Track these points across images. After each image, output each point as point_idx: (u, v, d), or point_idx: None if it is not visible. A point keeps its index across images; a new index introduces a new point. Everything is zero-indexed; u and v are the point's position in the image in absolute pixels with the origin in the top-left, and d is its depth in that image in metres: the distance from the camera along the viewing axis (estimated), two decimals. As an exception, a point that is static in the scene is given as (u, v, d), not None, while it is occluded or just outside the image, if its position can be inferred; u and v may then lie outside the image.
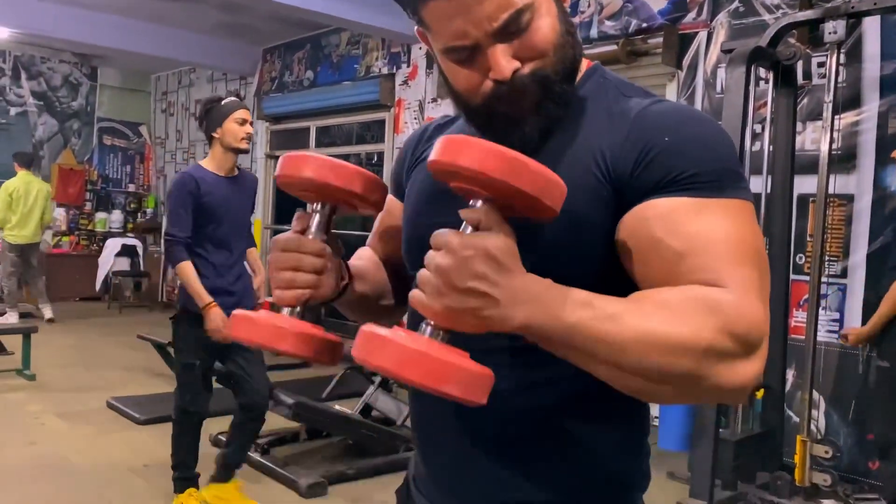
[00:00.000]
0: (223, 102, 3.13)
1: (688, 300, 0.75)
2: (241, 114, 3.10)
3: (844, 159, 4.13)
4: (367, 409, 4.49)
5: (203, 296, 2.98)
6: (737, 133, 3.68)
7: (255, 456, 3.74)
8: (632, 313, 0.74)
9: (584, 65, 0.97)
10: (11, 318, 7.44)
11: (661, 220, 0.80)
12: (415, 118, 6.82)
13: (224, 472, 3.22)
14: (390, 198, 1.12)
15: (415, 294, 0.76)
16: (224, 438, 3.97)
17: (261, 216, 8.76)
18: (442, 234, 0.75)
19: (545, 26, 0.87)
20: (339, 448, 4.06)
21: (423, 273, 0.75)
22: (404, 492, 1.11)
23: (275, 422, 4.35)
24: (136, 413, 4.52)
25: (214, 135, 3.12)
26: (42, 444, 4.02)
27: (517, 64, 0.86)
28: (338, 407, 4.26)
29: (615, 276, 0.85)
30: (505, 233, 0.75)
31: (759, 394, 3.82)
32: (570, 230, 0.85)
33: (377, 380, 4.55)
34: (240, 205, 3.25)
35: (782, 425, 3.92)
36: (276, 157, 8.68)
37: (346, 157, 7.85)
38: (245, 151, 3.20)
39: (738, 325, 0.74)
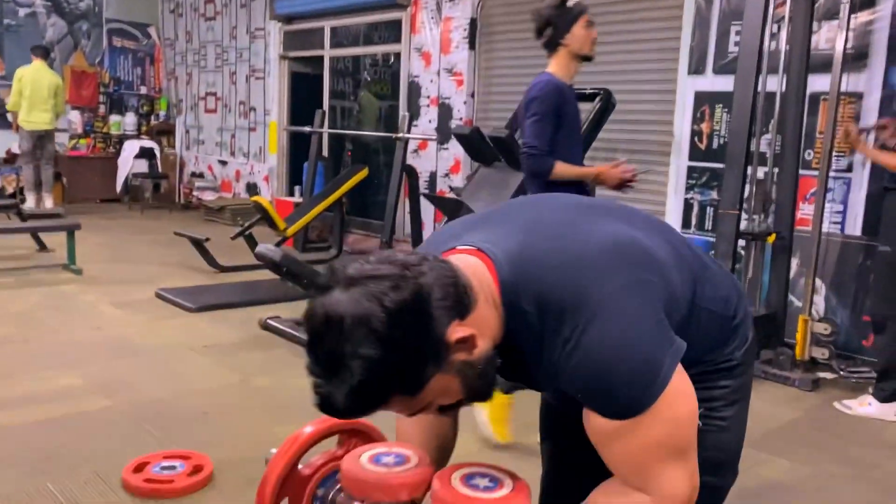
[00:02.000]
0: (570, 5, 2.98)
1: None
2: (588, 16, 2.98)
3: (856, 58, 4.31)
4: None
5: (589, 171, 3.09)
6: (756, 33, 3.86)
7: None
8: None
9: (497, 320, 1.06)
10: (30, 202, 8.40)
11: (595, 433, 1.06)
12: (432, 17, 6.89)
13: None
14: None
15: None
16: (274, 323, 4.33)
17: (276, 118, 8.91)
18: None
19: (449, 400, 1.06)
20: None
21: None
22: None
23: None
24: (187, 302, 4.87)
25: (562, 42, 3.01)
26: (107, 329, 4.38)
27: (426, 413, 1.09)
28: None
29: None
30: None
31: (771, 238, 4.16)
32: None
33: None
34: (578, 117, 3.18)
35: (785, 308, 4.28)
36: (290, 59, 8.75)
37: (360, 58, 7.95)
38: (591, 58, 3.10)
39: None
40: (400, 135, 6.10)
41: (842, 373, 4.04)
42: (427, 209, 6.77)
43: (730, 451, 1.25)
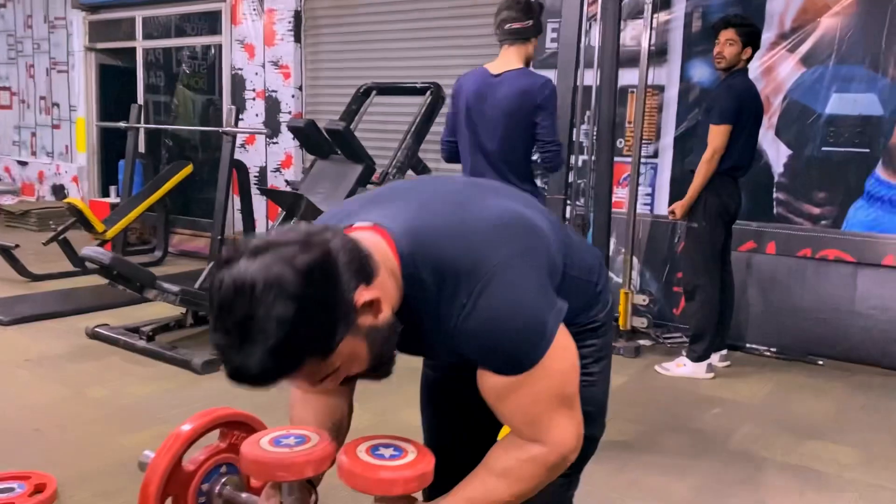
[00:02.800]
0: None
1: (520, 463, 1.16)
2: None
3: (657, 54, 4.77)
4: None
5: None
6: (574, 30, 4.15)
7: (142, 343, 3.89)
8: (495, 490, 1.17)
9: (396, 290, 1.12)
10: None
11: (490, 391, 1.15)
12: (254, 9, 6.72)
13: None
14: None
15: None
16: (103, 331, 4.07)
17: (83, 114, 8.29)
18: None
19: (355, 367, 1.10)
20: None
21: None
22: None
23: (157, 310, 4.48)
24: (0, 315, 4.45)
25: (534, 38, 3.31)
26: None
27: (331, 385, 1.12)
28: (213, 294, 4.45)
29: None
30: None
31: None
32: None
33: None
34: None
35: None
36: (97, 51, 8.17)
37: (178, 49, 7.58)
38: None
39: (553, 462, 1.16)
40: (228, 129, 5.90)
41: (658, 339, 4.47)
42: (259, 205, 6.62)
43: (598, 404, 1.38)
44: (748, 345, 4.39)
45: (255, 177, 6.83)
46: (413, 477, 1.10)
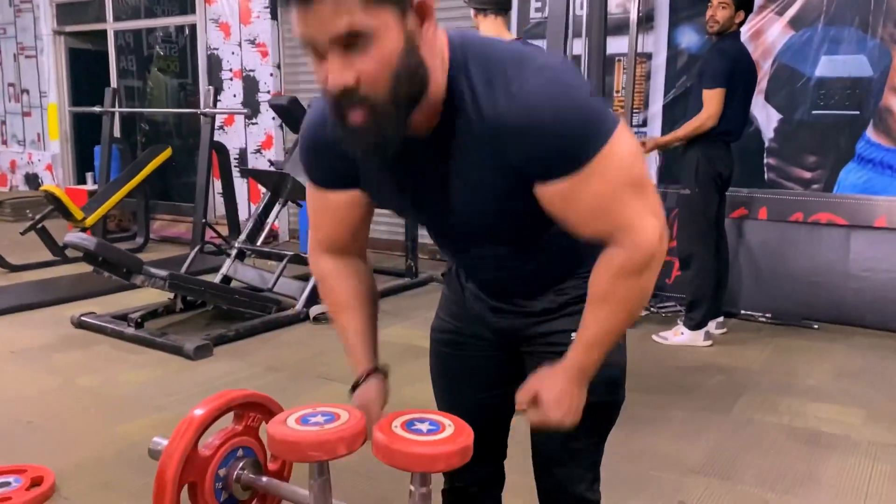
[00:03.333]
0: None
1: (612, 282, 1.11)
2: None
3: (643, 21, 4.70)
4: (226, 280, 4.62)
5: None
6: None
7: (130, 330, 3.80)
8: (606, 322, 1.15)
9: (443, 76, 1.03)
10: None
11: (561, 200, 1.05)
12: (228, -13, 6.55)
13: None
14: (331, 196, 1.24)
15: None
16: (89, 319, 3.97)
17: (55, 100, 8.07)
18: (547, 422, 1.17)
19: (382, 61, 0.94)
20: (211, 316, 4.20)
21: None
22: (453, 276, 1.44)
23: (143, 297, 4.39)
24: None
25: (509, 10, 3.21)
26: None
27: (349, 80, 0.94)
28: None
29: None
30: (540, 383, 1.19)
31: None
32: (499, 209, 1.13)
33: (233, 253, 4.68)
34: None
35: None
36: (66, 34, 7.94)
37: (151, 31, 7.39)
38: None
39: (639, 266, 1.08)
40: (206, 110, 5.76)
41: (652, 309, 4.45)
42: (241, 187, 6.50)
43: (621, 369, 1.35)
44: (743, 311, 4.38)
45: (235, 158, 6.70)
46: (455, 451, 1.04)
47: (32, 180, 8.37)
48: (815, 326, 4.17)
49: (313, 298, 4.27)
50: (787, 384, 3.31)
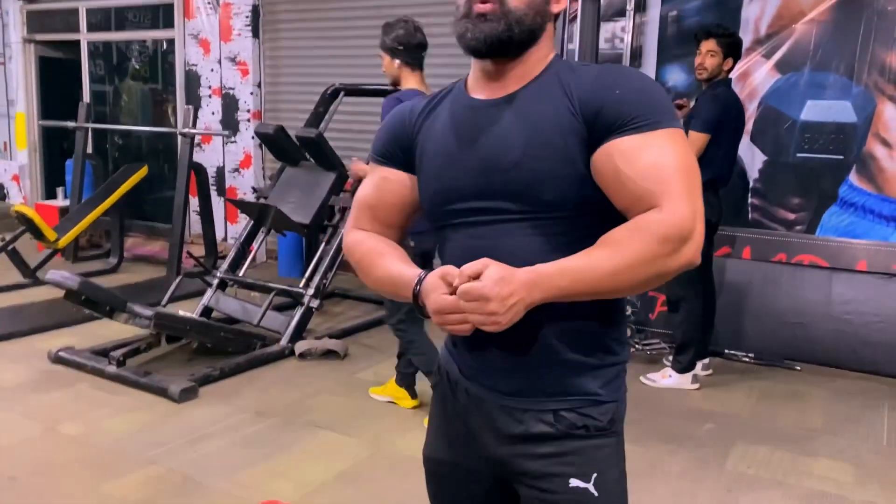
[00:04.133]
0: None
1: (630, 232, 1.09)
2: None
3: (632, 57, 4.73)
4: (206, 312, 4.54)
5: None
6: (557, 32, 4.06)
7: (112, 368, 3.69)
8: (598, 261, 1.09)
9: (552, 53, 1.25)
10: None
11: (622, 156, 1.11)
12: (209, 3, 6.44)
13: None
14: (385, 171, 1.35)
15: (475, 322, 1.11)
16: (67, 355, 3.88)
17: (23, 109, 7.85)
18: (470, 291, 1.08)
19: None
20: (192, 352, 4.11)
21: (474, 316, 1.10)
22: (444, 383, 1.36)
23: (123, 327, 4.27)
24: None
25: None
26: None
27: None
28: (182, 312, 4.26)
29: (596, 195, 1.15)
30: (488, 263, 1.10)
31: None
32: (552, 157, 1.16)
33: (215, 283, 4.59)
34: None
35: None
36: (37, 42, 7.73)
37: (128, 43, 7.23)
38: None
39: (669, 232, 1.07)
40: (185, 130, 5.65)
41: (637, 346, 4.47)
42: (218, 207, 6.39)
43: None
44: (727, 350, 4.42)
45: (213, 177, 6.58)
46: None
47: (-2, 190, 8.14)
48: (798, 368, 4.23)
49: (299, 333, 4.21)
50: (776, 434, 3.35)
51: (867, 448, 3.25)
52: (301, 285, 4.36)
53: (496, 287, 1.07)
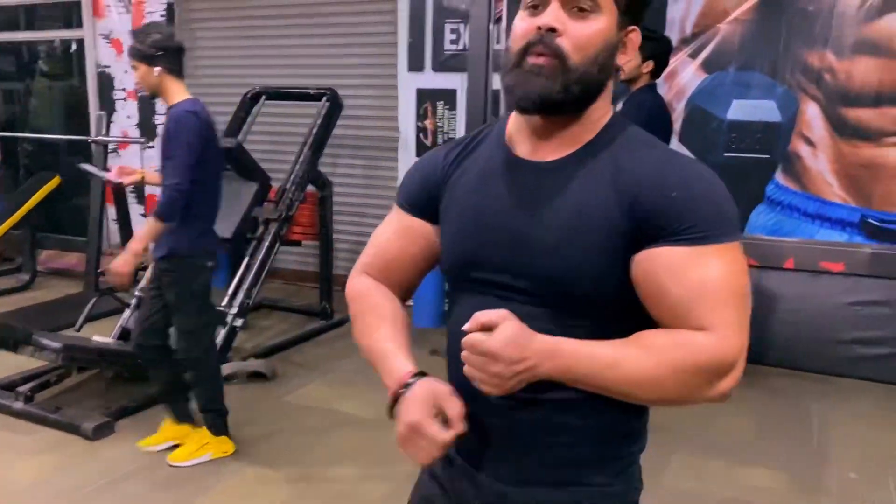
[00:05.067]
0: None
1: (673, 343, 0.98)
2: None
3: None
4: (125, 333, 4.29)
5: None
6: (483, 32, 3.96)
7: (19, 404, 3.45)
8: (625, 360, 0.98)
9: (610, 113, 1.10)
10: None
11: (667, 269, 0.99)
12: (119, 1, 6.09)
13: None
14: (410, 220, 1.21)
15: (474, 378, 1.00)
16: None
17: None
18: (478, 345, 0.97)
19: (595, 33, 1.02)
20: (107, 380, 3.87)
21: (475, 371, 0.99)
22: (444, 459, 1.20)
23: (28, 364, 4.00)
24: None
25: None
26: None
27: (559, 27, 1.01)
28: (96, 338, 4.01)
29: (630, 297, 1.03)
30: (507, 317, 0.98)
31: None
32: (587, 252, 1.03)
33: (133, 302, 4.34)
34: None
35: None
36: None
37: (33, 43, 6.82)
38: None
39: (714, 364, 0.97)
40: (98, 138, 5.33)
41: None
42: (137, 215, 6.09)
43: None
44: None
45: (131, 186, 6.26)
46: None
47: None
48: (731, 368, 4.25)
49: (224, 355, 4.01)
50: (712, 443, 3.34)
51: (799, 452, 3.27)
52: (224, 303, 4.16)
53: (507, 348, 0.96)
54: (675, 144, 4.36)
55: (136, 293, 4.42)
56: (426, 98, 5.09)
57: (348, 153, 5.59)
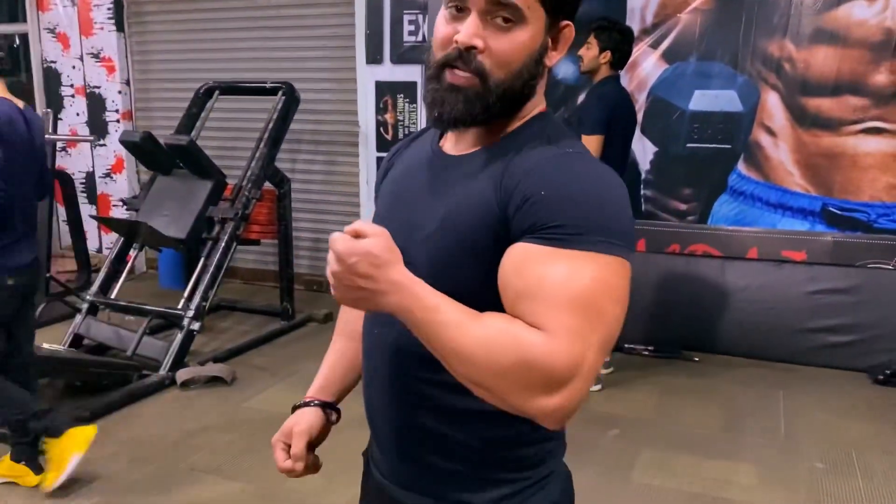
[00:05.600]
0: None
1: (503, 332, 0.88)
2: None
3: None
4: (77, 340, 4.14)
5: None
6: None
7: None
8: (457, 325, 0.89)
9: (537, 109, 1.05)
10: None
11: (516, 262, 0.92)
12: (65, -7, 5.87)
13: None
14: None
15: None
16: None
17: None
18: (333, 242, 0.90)
19: (518, 46, 0.96)
20: (60, 389, 3.72)
21: (328, 269, 0.93)
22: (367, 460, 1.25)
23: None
24: None
25: None
26: None
27: (479, 45, 0.95)
28: (45, 345, 3.85)
29: (497, 294, 0.94)
30: (380, 235, 0.90)
31: None
32: (458, 244, 0.98)
33: (84, 307, 4.19)
34: None
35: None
36: None
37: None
38: None
39: (537, 363, 0.85)
40: (45, 136, 5.12)
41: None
42: (87, 216, 5.89)
43: None
44: (626, 345, 4.39)
45: (82, 184, 6.06)
46: None
47: None
48: (696, 359, 4.25)
49: (180, 360, 3.88)
50: (680, 436, 3.31)
51: (767, 444, 3.26)
52: (180, 306, 4.03)
53: (357, 257, 0.88)
54: (637, 136, 4.32)
55: (88, 298, 4.26)
56: (386, 91, 4.98)
57: (307, 149, 5.47)
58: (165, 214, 4.22)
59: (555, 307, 0.87)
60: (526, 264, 0.90)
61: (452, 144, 1.07)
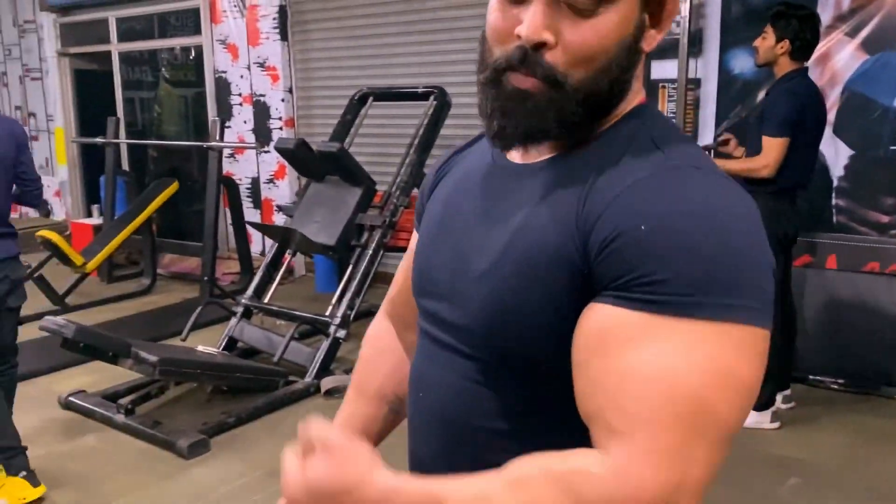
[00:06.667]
0: None
1: (545, 479, 0.64)
2: None
3: (691, 43, 4.17)
4: (231, 343, 4.22)
5: None
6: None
7: (120, 417, 3.40)
8: (470, 489, 0.67)
9: (635, 101, 0.79)
10: None
11: (598, 337, 0.67)
12: (235, 6, 6.12)
13: None
14: (413, 243, 1.01)
15: None
16: (78, 400, 3.61)
17: (62, 123, 7.73)
18: (284, 480, 0.72)
19: (604, 34, 0.71)
20: (207, 394, 3.78)
21: None
22: None
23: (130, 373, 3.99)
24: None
25: None
26: None
27: (550, 41, 0.71)
28: (201, 348, 3.94)
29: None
30: (335, 447, 0.70)
31: None
32: (524, 286, 0.73)
33: (239, 311, 4.27)
34: None
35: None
36: (71, 55, 7.58)
37: (155, 52, 6.99)
38: None
39: (598, 489, 0.62)
40: (212, 143, 5.34)
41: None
42: (254, 220, 6.09)
43: None
44: (811, 377, 3.85)
45: (247, 189, 6.30)
46: None
47: (42, 206, 8.05)
48: (898, 397, 3.64)
49: (325, 368, 3.84)
50: (875, 492, 2.80)
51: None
52: (327, 313, 3.99)
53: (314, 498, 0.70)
54: (828, 137, 3.78)
55: (243, 302, 4.34)
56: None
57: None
58: (317, 221, 4.22)
59: (643, 419, 0.63)
60: (608, 341, 0.66)
61: (524, 150, 0.82)
